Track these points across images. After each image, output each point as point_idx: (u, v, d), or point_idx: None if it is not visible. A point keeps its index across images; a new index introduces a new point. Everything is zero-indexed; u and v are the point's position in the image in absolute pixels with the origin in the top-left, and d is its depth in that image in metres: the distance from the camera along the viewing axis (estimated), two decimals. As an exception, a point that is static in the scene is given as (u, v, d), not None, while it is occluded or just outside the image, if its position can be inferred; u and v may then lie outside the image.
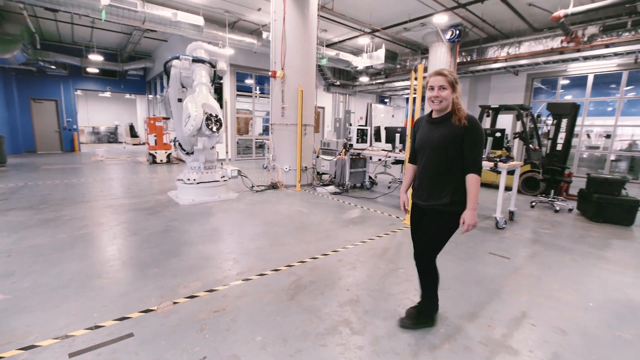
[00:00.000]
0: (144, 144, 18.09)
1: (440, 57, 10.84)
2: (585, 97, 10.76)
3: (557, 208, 5.72)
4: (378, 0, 8.51)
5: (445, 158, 1.93)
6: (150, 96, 16.60)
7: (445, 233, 2.03)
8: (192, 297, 2.50)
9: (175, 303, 2.40)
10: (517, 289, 2.79)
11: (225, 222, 4.53)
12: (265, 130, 17.10)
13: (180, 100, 5.51)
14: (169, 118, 11.49)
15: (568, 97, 12.27)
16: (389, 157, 5.98)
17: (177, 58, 5.32)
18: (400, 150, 5.95)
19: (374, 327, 2.19)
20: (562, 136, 6.86)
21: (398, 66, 13.52)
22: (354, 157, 6.97)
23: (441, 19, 9.22)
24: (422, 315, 2.20)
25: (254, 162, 12.20)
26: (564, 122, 6.77)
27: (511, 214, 5.00)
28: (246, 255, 3.34)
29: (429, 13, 9.01)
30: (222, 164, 6.46)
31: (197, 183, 5.64)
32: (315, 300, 2.52)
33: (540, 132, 7.97)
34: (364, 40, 11.79)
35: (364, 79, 14.74)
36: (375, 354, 1.93)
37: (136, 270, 2.95)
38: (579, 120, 8.66)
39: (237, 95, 12.77)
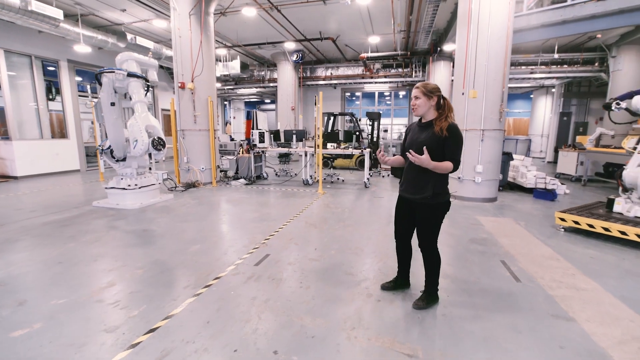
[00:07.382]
0: None
1: (287, 73, 13.86)
2: (374, 107, 16.68)
3: (384, 175, 9.87)
4: (246, 24, 10.39)
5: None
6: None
7: (436, 220, 2.39)
8: (268, 238, 4.15)
9: (263, 242, 4.01)
10: (387, 206, 5.94)
11: (207, 212, 5.62)
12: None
13: (113, 104, 5.67)
14: None
15: (358, 103, 18.22)
16: (292, 153, 8.32)
17: (111, 71, 5.56)
18: (297, 147, 8.39)
19: (360, 223, 4.67)
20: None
21: (246, 76, 15.61)
22: (257, 154, 8.82)
23: (290, 46, 12.18)
24: (430, 295, 2.56)
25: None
26: (375, 124, 11.20)
27: (368, 180, 8.51)
28: (263, 220, 4.96)
29: (282, 40, 11.69)
30: (149, 169, 6.76)
31: (139, 187, 6.07)
32: (325, 226, 4.71)
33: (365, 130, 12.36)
34: (221, 51, 13.17)
35: (217, 85, 15.89)
36: (362, 225, 4.44)
37: (223, 236, 4.10)
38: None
39: (80, 96, 11.23)
